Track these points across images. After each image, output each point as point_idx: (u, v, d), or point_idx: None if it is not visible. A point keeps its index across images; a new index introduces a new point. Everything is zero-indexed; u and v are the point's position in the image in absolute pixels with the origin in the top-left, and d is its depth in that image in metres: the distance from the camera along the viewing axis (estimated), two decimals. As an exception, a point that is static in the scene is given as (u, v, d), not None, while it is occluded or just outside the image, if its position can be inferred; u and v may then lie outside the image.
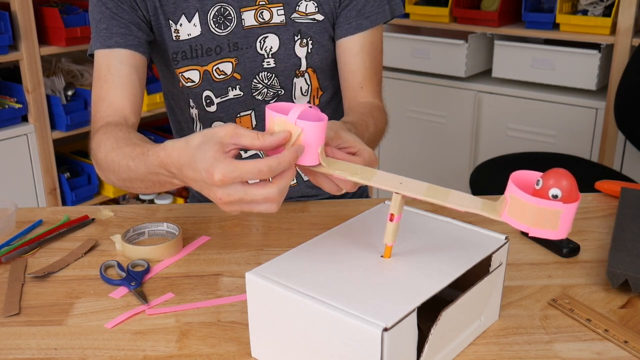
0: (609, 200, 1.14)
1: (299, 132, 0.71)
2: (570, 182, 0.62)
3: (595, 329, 0.77)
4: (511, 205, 0.64)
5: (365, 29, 1.09)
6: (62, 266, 0.93)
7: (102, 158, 0.91)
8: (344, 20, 1.09)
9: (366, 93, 1.11)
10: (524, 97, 2.45)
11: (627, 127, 2.04)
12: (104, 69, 1.02)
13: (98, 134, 0.95)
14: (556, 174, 0.62)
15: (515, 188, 0.63)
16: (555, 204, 0.61)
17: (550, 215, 0.62)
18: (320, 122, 0.71)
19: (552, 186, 0.61)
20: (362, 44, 1.10)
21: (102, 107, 1.01)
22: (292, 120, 0.71)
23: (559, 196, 0.61)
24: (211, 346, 0.75)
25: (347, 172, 0.73)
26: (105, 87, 1.01)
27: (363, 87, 1.11)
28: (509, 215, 0.64)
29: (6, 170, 2.22)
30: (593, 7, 2.32)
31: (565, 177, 0.62)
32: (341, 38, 1.10)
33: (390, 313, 0.62)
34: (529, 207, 0.62)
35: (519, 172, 0.65)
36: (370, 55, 1.11)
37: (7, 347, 0.75)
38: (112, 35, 1.01)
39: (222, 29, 1.06)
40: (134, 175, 0.84)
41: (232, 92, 1.10)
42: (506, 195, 0.64)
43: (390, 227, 0.72)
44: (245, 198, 0.70)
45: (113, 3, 1.02)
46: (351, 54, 1.10)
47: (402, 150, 2.81)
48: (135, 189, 0.90)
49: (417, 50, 2.63)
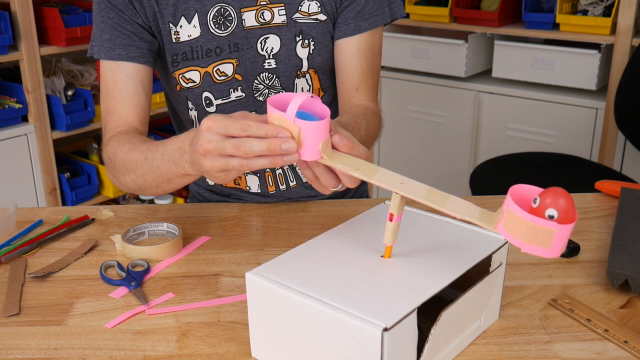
0: (609, 200, 1.14)
1: (297, 131, 0.71)
2: (568, 203, 0.61)
3: (595, 329, 0.77)
4: (507, 219, 0.63)
5: (363, 30, 1.09)
6: (62, 266, 0.93)
7: (120, 162, 0.97)
8: (343, 22, 1.09)
9: (361, 95, 1.11)
10: (524, 97, 2.45)
11: (627, 127, 2.04)
12: (110, 83, 1.06)
13: (112, 142, 1.00)
14: (554, 193, 0.61)
15: (512, 202, 0.62)
16: (550, 224, 0.61)
17: (544, 233, 0.61)
18: (321, 121, 0.71)
19: (549, 206, 0.61)
20: (360, 46, 1.10)
21: (111, 119, 1.06)
22: (291, 118, 0.70)
23: (555, 217, 0.61)
24: (211, 346, 0.75)
25: (350, 167, 0.72)
26: (112, 101, 1.06)
27: (358, 89, 1.11)
28: (503, 228, 0.64)
29: (6, 170, 2.22)
30: (593, 7, 2.32)
31: (563, 197, 0.61)
32: (339, 39, 1.10)
33: (391, 313, 0.62)
34: (523, 224, 0.62)
35: (518, 186, 0.64)
36: (367, 57, 1.11)
37: (7, 347, 0.75)
38: (115, 47, 1.04)
39: (223, 30, 1.05)
40: (148, 167, 0.90)
41: (234, 93, 1.10)
42: (503, 208, 0.64)
43: (390, 227, 0.72)
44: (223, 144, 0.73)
45: (114, 13, 1.04)
46: (348, 56, 1.10)
47: (402, 150, 2.81)
48: (147, 188, 0.95)
49: (417, 50, 2.63)
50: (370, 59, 1.11)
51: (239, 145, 0.72)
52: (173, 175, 0.87)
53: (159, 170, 0.89)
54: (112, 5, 1.04)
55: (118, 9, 1.04)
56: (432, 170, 2.75)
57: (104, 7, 1.05)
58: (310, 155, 0.72)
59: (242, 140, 0.72)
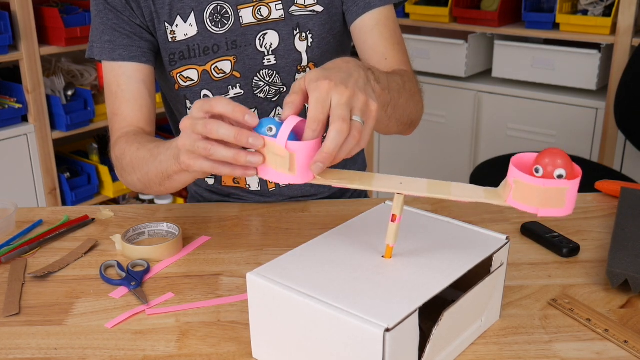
0: (609, 200, 1.14)
1: (290, 156, 0.69)
2: (567, 160, 0.64)
3: (595, 329, 0.77)
4: (516, 190, 0.65)
5: (375, 6, 1.06)
6: (62, 266, 0.93)
7: (128, 161, 0.97)
8: (352, 4, 1.06)
9: (392, 63, 1.04)
10: (524, 97, 2.46)
11: (627, 127, 2.04)
12: (113, 84, 1.06)
13: (120, 143, 1.01)
14: (552, 154, 0.64)
15: (519, 172, 0.65)
16: (561, 182, 0.63)
17: (557, 194, 0.63)
18: (312, 141, 0.69)
19: (557, 167, 0.63)
20: (377, 20, 1.06)
21: (117, 121, 1.06)
22: (282, 144, 0.69)
23: (564, 176, 0.63)
24: (211, 346, 0.75)
25: (346, 181, 0.72)
26: (117, 103, 1.05)
27: (387, 58, 1.05)
28: (514, 200, 0.66)
29: (6, 170, 2.22)
30: (593, 7, 2.32)
31: (561, 156, 0.64)
32: (354, 21, 1.07)
33: (392, 313, 0.62)
34: (535, 189, 0.64)
35: (519, 156, 0.67)
36: (388, 27, 1.06)
37: (7, 347, 0.75)
38: (116, 48, 1.04)
39: (219, 28, 1.05)
40: (153, 163, 0.90)
41: (232, 91, 1.09)
42: (509, 181, 0.65)
43: (392, 228, 0.72)
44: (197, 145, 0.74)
45: (113, 14, 1.04)
46: (367, 31, 1.06)
47: (402, 150, 2.81)
48: (152, 186, 0.95)
49: (417, 50, 2.63)
50: (392, 29, 1.07)
51: (208, 149, 0.73)
52: (172, 171, 0.87)
53: (161, 166, 0.89)
54: (111, 7, 1.04)
55: (117, 10, 1.04)
56: (432, 171, 2.75)
57: (102, 8, 1.05)
58: (304, 177, 0.71)
59: (213, 146, 0.73)
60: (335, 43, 1.11)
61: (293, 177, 0.70)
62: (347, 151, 0.70)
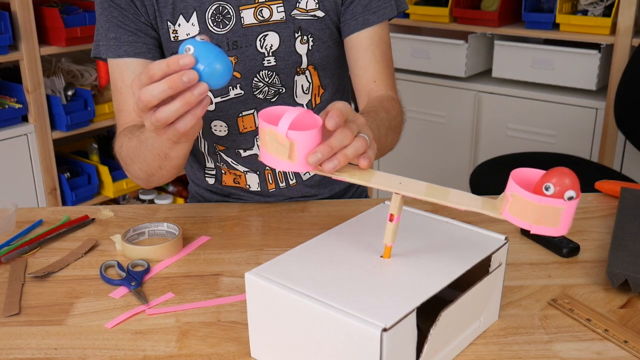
0: (609, 200, 1.14)
1: (290, 144, 0.69)
2: (575, 180, 0.62)
3: (595, 329, 0.77)
4: (512, 203, 0.64)
5: (372, 24, 1.09)
6: (62, 266, 0.93)
7: (125, 153, 0.99)
8: (351, 17, 1.08)
9: (379, 86, 1.10)
10: (524, 97, 2.45)
11: (627, 127, 2.04)
12: (118, 81, 1.07)
13: (119, 137, 1.03)
14: (562, 174, 0.62)
15: (517, 186, 0.63)
16: (557, 202, 0.62)
17: (553, 212, 0.62)
18: (313, 130, 0.70)
19: (569, 188, 0.61)
20: (371, 39, 1.09)
21: (122, 117, 1.07)
22: (283, 132, 0.69)
23: (574, 197, 0.62)
24: (211, 346, 0.75)
25: (346, 174, 0.73)
26: (121, 99, 1.07)
27: (376, 80, 1.09)
28: (509, 213, 0.65)
29: (6, 170, 2.22)
30: (593, 7, 2.32)
31: (569, 176, 0.62)
32: (349, 35, 1.09)
33: (390, 313, 0.62)
34: (530, 205, 0.63)
35: (519, 170, 0.66)
36: (381, 49, 1.10)
37: (7, 347, 0.75)
38: (121, 45, 1.05)
39: (221, 28, 1.06)
40: (145, 148, 0.92)
41: (232, 91, 1.10)
42: (507, 194, 0.65)
43: (390, 228, 0.72)
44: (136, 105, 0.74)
45: (118, 12, 1.05)
46: (361, 49, 1.09)
47: (402, 150, 2.81)
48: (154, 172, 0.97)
49: (417, 50, 2.63)
50: (383, 50, 1.11)
51: (140, 97, 0.73)
52: (165, 148, 0.88)
53: (154, 148, 0.90)
54: (115, 4, 1.05)
55: (121, 7, 1.05)
56: (432, 171, 2.75)
57: (107, 6, 1.05)
58: (305, 166, 0.71)
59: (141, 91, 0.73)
60: (335, 47, 1.12)
61: (293, 164, 0.71)
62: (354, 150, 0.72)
